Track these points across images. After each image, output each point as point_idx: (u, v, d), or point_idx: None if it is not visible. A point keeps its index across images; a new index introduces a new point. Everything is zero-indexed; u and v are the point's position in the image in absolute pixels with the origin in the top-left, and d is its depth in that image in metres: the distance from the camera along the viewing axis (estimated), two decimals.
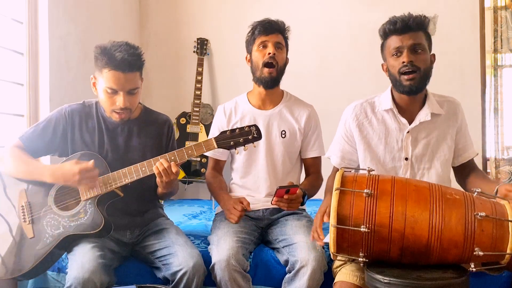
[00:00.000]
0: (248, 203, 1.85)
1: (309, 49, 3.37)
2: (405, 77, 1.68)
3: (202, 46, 3.49)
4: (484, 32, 3.19)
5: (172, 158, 1.71)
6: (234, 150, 1.73)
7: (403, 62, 1.67)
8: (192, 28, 3.61)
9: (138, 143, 1.88)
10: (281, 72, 2.02)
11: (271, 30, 1.99)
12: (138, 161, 1.75)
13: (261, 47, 1.99)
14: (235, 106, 2.10)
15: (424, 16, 1.72)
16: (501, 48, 3.17)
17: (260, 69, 1.99)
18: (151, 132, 1.91)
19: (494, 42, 3.17)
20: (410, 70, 1.67)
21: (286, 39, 2.05)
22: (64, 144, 1.84)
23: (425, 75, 1.70)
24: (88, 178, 1.68)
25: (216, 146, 1.71)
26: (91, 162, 1.69)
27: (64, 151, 1.85)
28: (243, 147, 1.71)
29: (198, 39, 3.51)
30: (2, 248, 1.73)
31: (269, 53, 1.96)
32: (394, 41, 1.70)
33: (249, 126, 1.72)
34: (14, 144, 1.81)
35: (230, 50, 3.52)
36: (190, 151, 1.72)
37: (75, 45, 2.83)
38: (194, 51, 3.49)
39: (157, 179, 1.72)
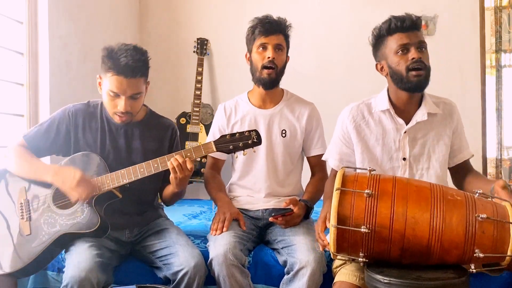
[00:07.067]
0: (244, 223, 1.87)
1: (309, 49, 3.37)
2: (414, 73, 1.68)
3: (202, 46, 3.49)
4: (484, 32, 3.18)
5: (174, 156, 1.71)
6: (233, 154, 1.72)
7: (413, 58, 1.67)
8: (192, 28, 3.61)
9: (139, 145, 1.88)
10: (280, 73, 2.02)
11: (271, 31, 1.96)
12: (139, 163, 1.75)
13: (261, 48, 1.97)
14: (236, 106, 2.10)
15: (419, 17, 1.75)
16: (502, 48, 3.17)
17: (259, 71, 1.99)
18: (154, 135, 1.91)
19: (496, 43, 3.17)
20: (419, 66, 1.67)
21: (287, 37, 2.03)
22: (67, 144, 1.85)
23: (429, 73, 1.72)
24: (84, 187, 1.69)
25: (215, 149, 1.71)
26: (94, 180, 1.73)
27: (67, 151, 1.86)
28: (242, 151, 1.71)
29: (198, 39, 3.51)
30: (4, 244, 1.74)
31: (269, 57, 1.95)
32: (399, 38, 1.69)
33: (249, 131, 1.71)
34: (19, 142, 1.84)
35: (230, 50, 3.51)
36: (189, 154, 1.72)
37: (75, 45, 2.83)
38: (194, 51, 3.48)
39: (171, 175, 1.72)
